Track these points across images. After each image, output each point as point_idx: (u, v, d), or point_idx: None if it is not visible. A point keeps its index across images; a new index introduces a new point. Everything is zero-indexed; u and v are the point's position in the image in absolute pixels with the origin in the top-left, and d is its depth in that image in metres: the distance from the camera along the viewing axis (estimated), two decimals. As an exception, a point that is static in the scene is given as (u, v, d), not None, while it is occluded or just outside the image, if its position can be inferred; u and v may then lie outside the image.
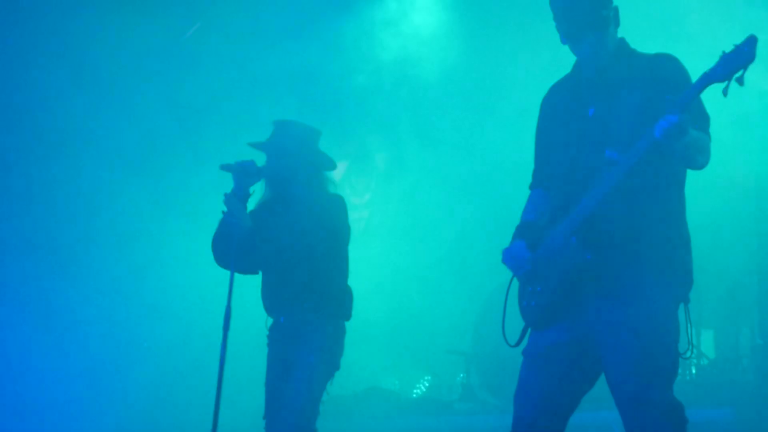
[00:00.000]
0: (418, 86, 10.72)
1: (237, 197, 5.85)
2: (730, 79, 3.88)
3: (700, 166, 4.23)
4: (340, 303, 5.94)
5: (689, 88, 4.01)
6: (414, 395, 11.18)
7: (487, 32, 10.51)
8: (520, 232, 4.44)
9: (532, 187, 4.64)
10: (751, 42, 3.86)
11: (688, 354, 4.17)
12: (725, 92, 3.90)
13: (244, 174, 5.83)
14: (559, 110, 4.51)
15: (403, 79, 10.69)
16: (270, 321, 6.03)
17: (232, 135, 9.44)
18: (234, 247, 5.80)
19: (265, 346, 6.05)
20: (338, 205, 5.98)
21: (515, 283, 4.48)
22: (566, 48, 4.46)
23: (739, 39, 3.89)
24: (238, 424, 7.74)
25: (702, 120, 4.22)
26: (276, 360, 5.95)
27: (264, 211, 6.04)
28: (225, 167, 5.84)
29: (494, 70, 10.40)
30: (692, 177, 4.38)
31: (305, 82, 10.45)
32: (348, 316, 5.99)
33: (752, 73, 3.88)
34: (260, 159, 6.05)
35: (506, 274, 4.56)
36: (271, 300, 6.00)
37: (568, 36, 4.39)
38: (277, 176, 5.99)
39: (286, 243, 5.84)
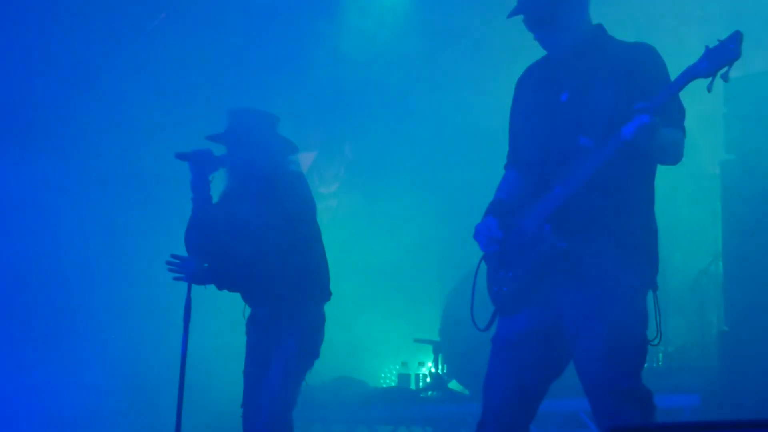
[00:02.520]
0: (386, 74, 10.71)
1: (196, 186, 5.82)
2: (714, 75, 3.87)
3: (672, 163, 4.24)
4: (316, 285, 5.91)
5: (669, 83, 4.01)
6: (383, 384, 11.20)
7: (457, 20, 10.51)
8: (493, 209, 4.44)
9: (506, 166, 4.63)
10: (736, 38, 3.83)
11: (656, 341, 4.20)
12: (710, 88, 3.87)
13: (200, 163, 5.80)
14: (533, 93, 4.50)
15: (371, 67, 10.68)
16: (248, 310, 6.01)
17: (200, 124, 9.40)
18: (193, 237, 5.81)
19: (242, 336, 6.05)
20: (298, 185, 5.92)
21: (484, 269, 4.49)
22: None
23: (723, 35, 3.88)
24: (214, 414, 7.73)
25: (677, 114, 4.21)
26: (255, 349, 5.93)
27: (227, 204, 6.00)
28: (180, 156, 5.79)
29: (465, 57, 10.41)
30: (659, 166, 4.39)
31: (273, 71, 10.41)
32: (327, 296, 5.95)
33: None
34: (219, 148, 6.02)
35: (474, 262, 4.57)
36: (249, 292, 5.98)
37: (528, 27, 4.42)
38: (236, 166, 5.95)
39: (252, 237, 5.80)
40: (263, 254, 5.74)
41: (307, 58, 10.51)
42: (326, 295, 5.96)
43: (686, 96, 4.20)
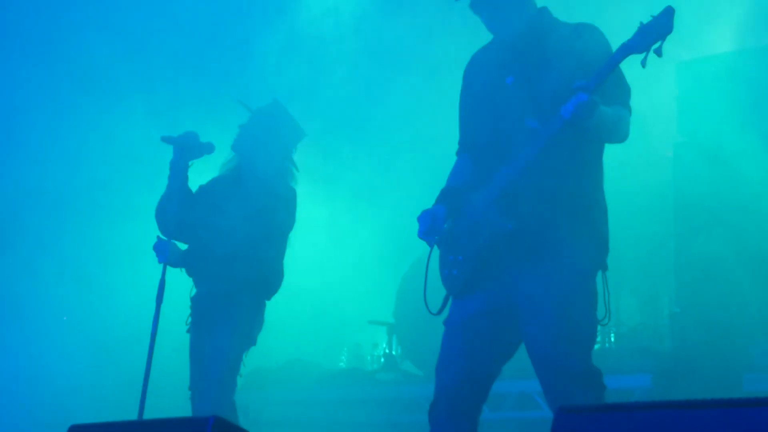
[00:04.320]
0: (343, 61, 10.70)
1: (175, 169, 5.89)
2: (648, 50, 3.91)
3: (617, 141, 4.27)
4: (263, 283, 5.98)
5: (608, 59, 4.04)
6: (336, 366, 11.20)
7: (415, 10, 10.50)
8: (443, 197, 4.45)
9: (458, 153, 4.65)
10: (668, 13, 3.88)
11: (606, 321, 4.22)
12: (644, 63, 3.92)
13: (184, 147, 5.87)
14: (480, 78, 4.52)
15: (327, 55, 10.66)
16: (194, 291, 6.05)
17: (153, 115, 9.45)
18: (169, 217, 5.85)
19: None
20: (288, 198, 6.04)
21: (437, 252, 4.50)
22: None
23: (656, 10, 3.92)
24: (168, 394, 7.71)
25: (622, 92, 4.25)
26: (197, 331, 5.97)
27: (219, 183, 6.12)
28: (166, 139, 5.90)
29: (418, 44, 10.41)
30: (611, 146, 4.41)
31: (228, 59, 10.37)
32: (269, 296, 6.02)
33: (667, 42, 3.90)
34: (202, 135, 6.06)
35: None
36: (199, 271, 6.00)
37: (474, 11, 4.43)
38: (245, 145, 6.07)
39: (226, 226, 5.87)
40: (225, 243, 5.81)
41: (264, 45, 10.46)
42: (269, 292, 6.03)
43: (639, 79, 4.22)
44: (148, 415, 5.26)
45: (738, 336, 6.67)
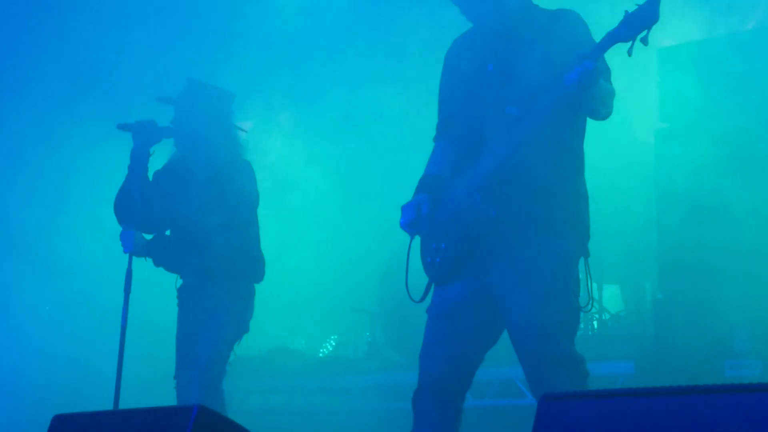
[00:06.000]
0: (328, 43, 10.67)
1: (136, 157, 5.81)
2: (634, 39, 3.89)
3: (603, 117, 4.26)
4: (249, 268, 5.95)
5: (593, 45, 4.03)
6: (320, 354, 11.20)
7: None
8: (423, 185, 4.45)
9: (435, 139, 4.65)
10: (654, 1, 3.85)
11: (589, 308, 4.23)
12: (630, 52, 3.90)
13: (143, 134, 5.78)
14: (460, 64, 4.51)
15: (314, 37, 10.63)
16: (180, 282, 6.02)
17: (128, 90, 9.39)
18: (134, 206, 5.80)
19: (175, 306, 6.06)
20: (245, 172, 5.96)
21: (418, 239, 4.49)
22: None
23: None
24: (149, 384, 7.71)
25: (606, 71, 4.25)
26: (185, 320, 5.96)
27: (170, 173, 6.01)
28: (122, 126, 5.80)
29: (400, 23, 10.39)
30: (592, 133, 4.42)
31: (207, 38, 10.32)
32: (258, 279, 5.99)
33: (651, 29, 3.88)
34: (162, 118, 5.99)
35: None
36: (178, 262, 5.97)
37: (452, 1, 4.42)
38: (183, 137, 5.95)
39: (189, 210, 5.82)
40: (200, 230, 5.78)
41: (240, 23, 10.42)
42: (257, 277, 5.99)
43: (620, 65, 4.22)
44: (123, 404, 5.26)
45: (720, 322, 6.68)
